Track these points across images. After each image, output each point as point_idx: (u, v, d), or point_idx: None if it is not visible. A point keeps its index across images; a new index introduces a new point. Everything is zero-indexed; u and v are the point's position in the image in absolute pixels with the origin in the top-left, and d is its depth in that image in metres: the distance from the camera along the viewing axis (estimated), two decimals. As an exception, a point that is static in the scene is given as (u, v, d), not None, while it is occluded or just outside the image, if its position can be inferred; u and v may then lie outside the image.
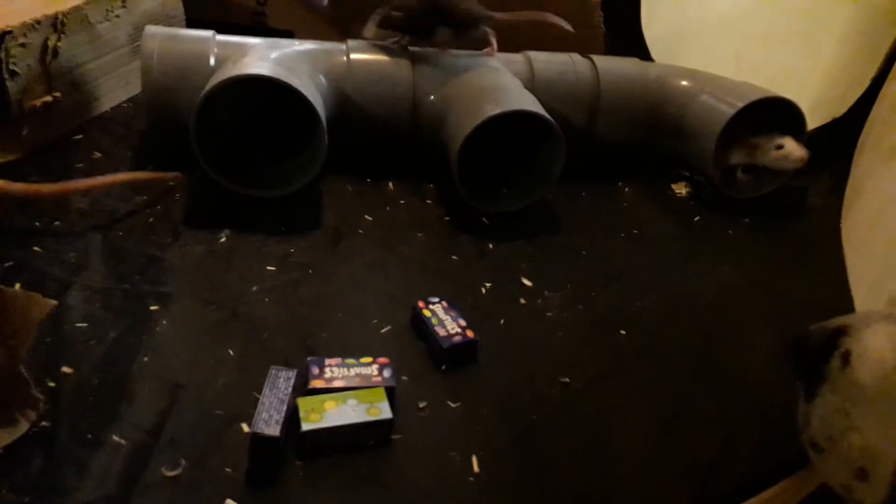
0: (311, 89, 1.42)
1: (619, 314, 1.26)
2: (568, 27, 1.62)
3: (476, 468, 0.95)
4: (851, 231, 1.47)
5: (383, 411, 0.97)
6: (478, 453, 0.97)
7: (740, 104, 1.55)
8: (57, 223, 1.28)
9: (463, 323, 1.14)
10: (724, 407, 1.10)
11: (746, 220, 1.58)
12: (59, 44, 1.50)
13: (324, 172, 1.49)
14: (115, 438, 0.91)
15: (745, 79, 1.68)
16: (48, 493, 0.83)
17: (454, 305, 1.18)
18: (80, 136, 1.55)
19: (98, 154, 1.50)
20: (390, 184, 1.55)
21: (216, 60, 1.47)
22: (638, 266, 1.40)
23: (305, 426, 0.93)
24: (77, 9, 1.53)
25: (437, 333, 1.12)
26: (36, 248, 1.21)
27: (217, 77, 1.35)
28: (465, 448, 0.97)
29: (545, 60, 1.69)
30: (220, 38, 1.52)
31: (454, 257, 1.36)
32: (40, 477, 0.85)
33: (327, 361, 1.04)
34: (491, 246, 1.40)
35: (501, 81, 1.58)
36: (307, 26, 1.99)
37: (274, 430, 0.90)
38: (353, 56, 1.56)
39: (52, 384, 0.97)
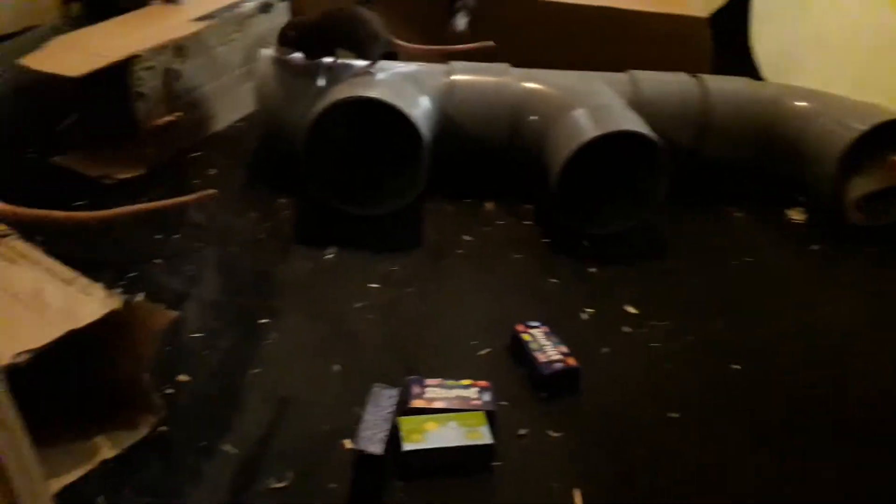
0: (416, 110, 1.44)
1: (732, 347, 1.20)
2: (488, 45, 1.61)
3: (579, 502, 0.92)
4: None
5: (484, 435, 0.96)
6: (581, 487, 0.94)
7: (864, 127, 1.46)
8: (176, 237, 1.35)
9: (564, 349, 1.12)
10: (849, 456, 1.03)
11: (872, 249, 1.48)
12: (181, 67, 1.59)
13: (425, 192, 1.51)
14: (228, 448, 0.94)
15: (866, 99, 1.58)
16: (165, 498, 0.87)
17: (555, 330, 1.16)
18: (198, 154, 1.63)
19: (213, 170, 1.57)
20: (488, 204, 1.55)
21: (324, 82, 1.52)
22: (751, 296, 1.34)
23: (406, 446, 0.94)
24: (197, 34, 1.62)
25: (538, 359, 1.10)
26: (157, 261, 1.28)
27: (328, 99, 1.40)
28: (567, 481, 0.95)
29: (650, 79, 1.65)
30: (328, 60, 1.58)
31: (553, 280, 1.34)
32: (158, 481, 0.89)
33: (427, 381, 1.04)
34: (592, 269, 1.37)
35: (604, 101, 1.55)
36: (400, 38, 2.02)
37: (377, 447, 0.90)
38: (456, 77, 1.57)
39: (170, 391, 1.02)
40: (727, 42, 2.14)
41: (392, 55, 1.64)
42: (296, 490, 0.90)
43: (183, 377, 1.04)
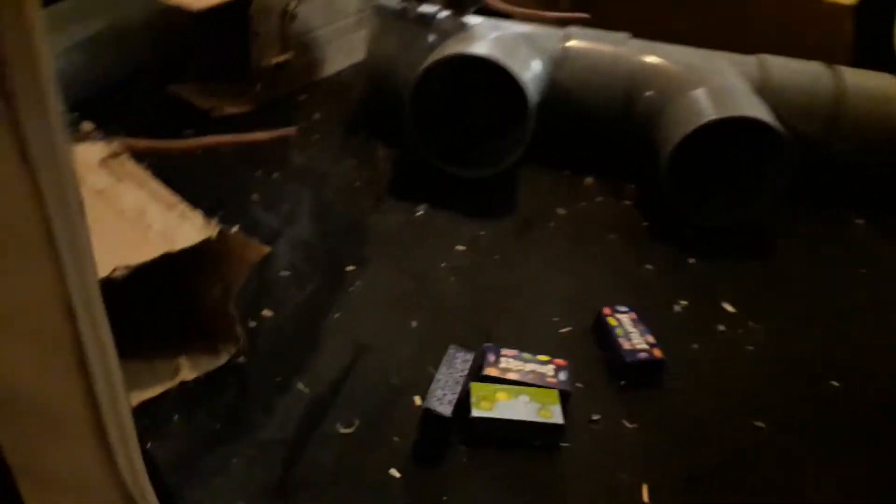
0: (526, 73, 1.40)
1: (835, 361, 1.12)
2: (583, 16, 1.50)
3: (646, 498, 0.88)
4: None
5: (555, 415, 0.93)
6: (650, 483, 0.90)
7: None
8: (275, 175, 1.38)
9: (651, 339, 1.07)
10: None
11: None
12: (297, 9, 1.60)
13: (523, 159, 1.47)
14: (300, 386, 0.96)
15: None
16: (236, 426, 0.90)
17: (643, 318, 1.11)
18: (305, 96, 1.65)
19: (317, 115, 1.59)
20: (589, 179, 1.49)
21: (436, 37, 1.49)
22: (865, 308, 1.23)
23: (476, 412, 0.92)
24: (317, -24, 1.63)
25: (622, 345, 1.06)
26: (254, 197, 1.31)
27: (437, 54, 1.37)
28: (636, 474, 0.91)
29: (781, 66, 1.53)
30: (443, 15, 1.54)
31: (648, 266, 1.27)
32: (232, 409, 0.92)
33: (503, 351, 1.02)
34: (691, 260, 1.30)
35: (728, 83, 1.45)
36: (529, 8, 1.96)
37: (446, 409, 0.89)
38: (571, 43, 1.51)
39: (253, 324, 1.04)
40: (870, 36, 1.96)
41: (487, 10, 1.59)
42: (360, 438, 0.90)
43: (267, 312, 1.06)
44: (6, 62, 0.35)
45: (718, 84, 1.44)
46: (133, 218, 0.92)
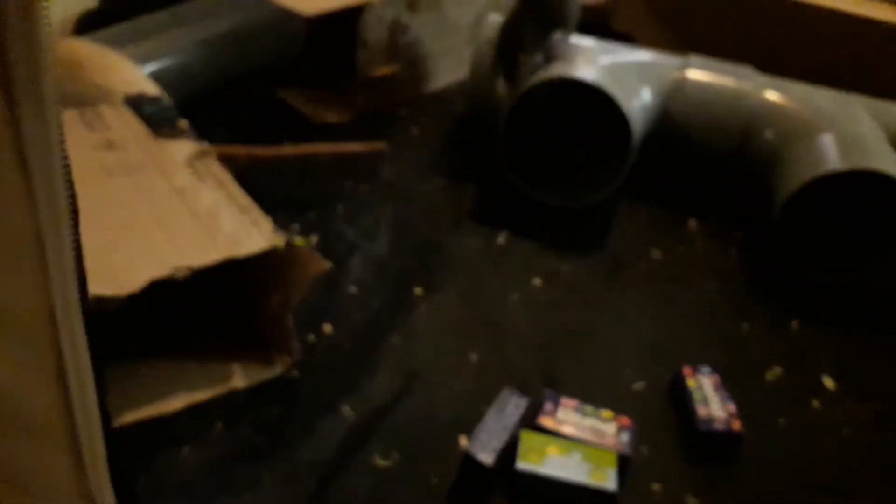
0: (634, 102, 1.32)
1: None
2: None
3: (699, 589, 0.79)
4: None
5: (609, 479, 0.86)
6: (706, 571, 0.80)
7: None
8: (363, 188, 1.37)
9: (732, 409, 0.96)
10: None
11: None
12: (408, 21, 1.60)
13: (622, 192, 1.39)
14: (346, 409, 0.94)
15: None
16: (276, 441, 0.89)
17: (726, 384, 1.00)
18: (406, 110, 1.64)
19: (415, 130, 1.57)
20: (693, 221, 1.38)
21: (542, 58, 1.44)
22: None
23: (521, 465, 0.86)
24: (432, -11, 1.62)
25: (697, 411, 0.96)
26: (339, 208, 1.31)
27: (538, 76, 1.32)
28: (692, 558, 0.82)
29: (932, 115, 1.35)
30: (560, 35, 1.49)
31: (744, 324, 1.16)
32: (274, 423, 0.91)
33: (563, 400, 0.95)
34: (795, 323, 1.17)
35: (860, 130, 1.30)
36: (649, 31, 1.87)
37: (489, 457, 0.84)
38: (690, 73, 1.41)
39: (312, 338, 1.03)
40: None
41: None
42: (396, 473, 0.87)
43: (327, 328, 1.05)
44: (11, 67, 0.35)
45: (849, 131, 1.30)
46: (206, 218, 0.94)
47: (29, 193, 0.37)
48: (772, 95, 1.38)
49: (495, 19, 1.51)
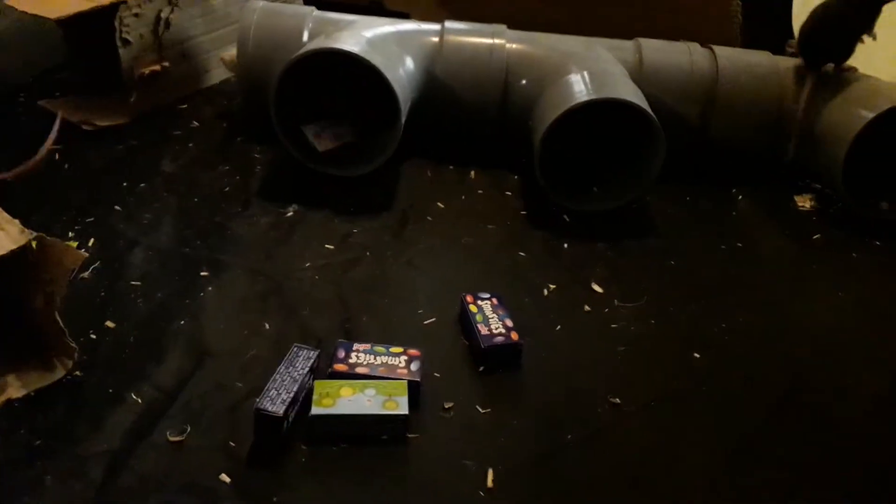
0: (395, 70, 1.38)
1: (698, 334, 1.11)
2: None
3: (490, 483, 0.86)
4: None
5: (400, 406, 0.91)
6: (496, 467, 0.88)
7: (883, 108, 1.32)
8: (142, 185, 1.34)
9: (509, 323, 1.05)
10: (803, 453, 0.93)
11: (877, 242, 1.35)
12: (171, 16, 1.57)
13: (406, 155, 1.46)
14: (133, 396, 0.92)
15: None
16: (59, 440, 0.85)
17: (504, 304, 1.09)
18: (185, 106, 1.61)
19: (196, 123, 1.55)
20: (472, 172, 1.48)
21: (310, 35, 1.47)
22: (733, 283, 1.23)
23: (315, 410, 0.89)
24: (193, -18, 1.60)
25: (479, 331, 1.04)
26: (117, 207, 1.27)
27: (302, 50, 1.35)
28: (483, 459, 0.89)
29: (657, 49, 1.53)
30: (318, 13, 1.52)
31: (522, 254, 1.26)
32: (58, 424, 0.87)
33: (356, 346, 0.99)
34: (566, 245, 1.29)
35: (602, 67, 1.45)
36: (424, 9, 1.96)
37: (278, 408, 0.86)
38: (448, 37, 1.50)
39: (93, 336, 1.00)
40: (766, 17, 1.99)
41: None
42: (192, 445, 0.87)
43: (110, 323, 1.02)
44: None
45: (594, 69, 1.44)
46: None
47: None
48: (524, 46, 1.50)
49: (258, 4, 1.53)
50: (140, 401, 0.91)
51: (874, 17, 1.38)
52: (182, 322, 1.04)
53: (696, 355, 1.07)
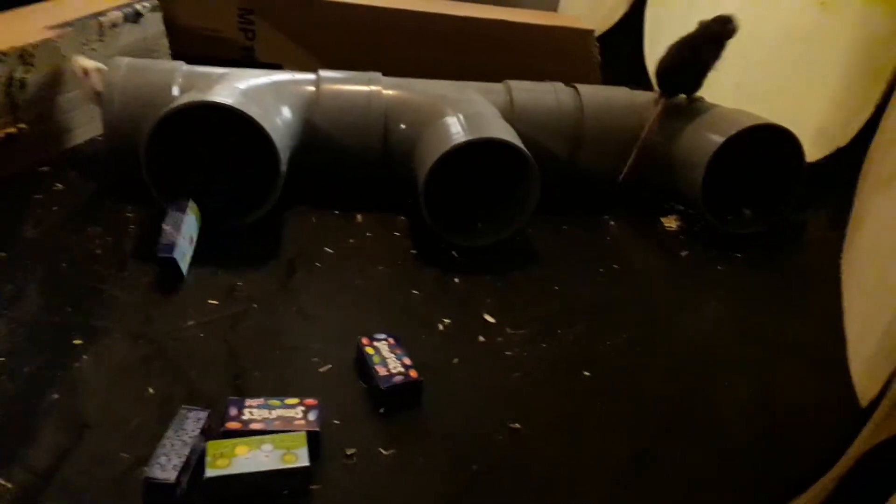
0: (273, 120, 1.37)
1: (586, 354, 1.16)
2: None
3: (398, 525, 0.85)
4: (851, 264, 1.35)
5: (300, 458, 0.88)
6: (402, 507, 0.87)
7: (731, 132, 1.45)
8: (3, 254, 1.24)
9: (408, 362, 1.05)
10: (693, 460, 0.99)
11: (739, 255, 1.47)
12: (26, 76, 1.49)
13: (290, 203, 1.44)
14: (2, 483, 0.83)
15: (746, 108, 1.59)
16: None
17: (401, 343, 1.09)
18: (47, 168, 1.52)
19: (60, 185, 1.47)
20: (359, 216, 1.48)
21: (181, 90, 1.44)
22: (614, 302, 1.30)
23: (209, 472, 0.85)
24: (47, 42, 1.52)
25: (378, 373, 1.03)
26: (-28, 280, 1.17)
27: (172, 104, 1.32)
28: (389, 501, 0.87)
29: (526, 89, 1.62)
30: (188, 67, 1.50)
31: (414, 291, 1.27)
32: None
33: (248, 402, 0.96)
34: (457, 280, 1.32)
35: (477, 109, 1.51)
36: (296, 60, 1.97)
37: (169, 474, 0.81)
38: (324, 86, 1.51)
39: (-49, 422, 0.91)
40: (622, 55, 2.15)
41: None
42: (73, 527, 0.80)
43: (-30, 406, 0.93)
44: None
45: (468, 111, 1.50)
46: None
47: None
48: (400, 92, 1.54)
49: (124, 60, 1.48)
50: (10, 485, 0.83)
51: (720, 52, 1.52)
52: (55, 396, 0.96)
53: (587, 373, 1.12)
